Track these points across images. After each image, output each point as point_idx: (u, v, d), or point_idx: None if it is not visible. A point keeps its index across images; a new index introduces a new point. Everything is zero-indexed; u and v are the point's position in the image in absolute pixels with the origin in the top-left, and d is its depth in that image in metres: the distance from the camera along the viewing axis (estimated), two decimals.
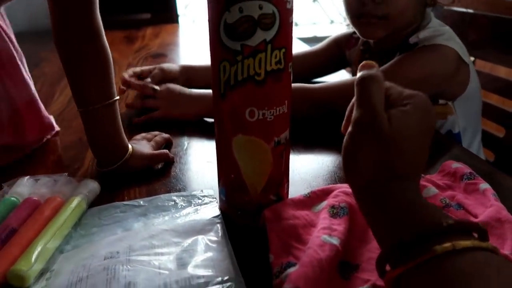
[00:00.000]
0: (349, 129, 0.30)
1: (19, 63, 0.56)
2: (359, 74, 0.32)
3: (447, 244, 0.23)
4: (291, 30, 0.36)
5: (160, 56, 1.15)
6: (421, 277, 0.24)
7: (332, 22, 2.09)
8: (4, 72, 0.54)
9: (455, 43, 0.66)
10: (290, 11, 0.35)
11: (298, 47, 1.18)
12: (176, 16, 1.74)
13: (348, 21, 0.83)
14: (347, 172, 0.31)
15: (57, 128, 0.64)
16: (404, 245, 0.25)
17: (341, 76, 0.94)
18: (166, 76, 0.77)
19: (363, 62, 0.33)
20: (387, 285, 0.26)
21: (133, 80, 0.75)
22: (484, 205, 0.41)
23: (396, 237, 0.26)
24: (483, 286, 0.22)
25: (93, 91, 0.47)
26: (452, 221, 0.25)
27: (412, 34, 0.69)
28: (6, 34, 0.55)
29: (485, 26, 0.84)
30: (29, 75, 0.59)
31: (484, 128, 0.86)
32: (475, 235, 0.26)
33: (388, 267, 0.27)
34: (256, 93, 0.36)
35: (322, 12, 2.09)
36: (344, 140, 0.31)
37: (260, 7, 0.33)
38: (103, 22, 0.47)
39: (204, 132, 0.66)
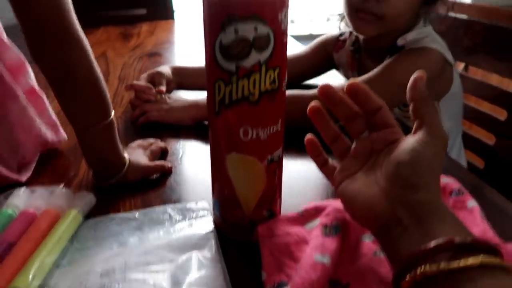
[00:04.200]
0: (424, 137, 0.32)
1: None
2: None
3: (476, 260, 0.25)
4: (286, 49, 0.36)
5: (155, 55, 1.15)
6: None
7: (328, 19, 2.09)
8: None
9: (439, 44, 0.69)
10: (284, 32, 0.35)
11: (292, 45, 1.18)
12: (172, 11, 1.73)
13: (339, 17, 0.84)
14: (415, 173, 0.32)
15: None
16: (431, 252, 0.26)
17: (333, 77, 0.94)
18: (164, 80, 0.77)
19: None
20: None
21: (136, 82, 0.75)
22: (472, 224, 0.42)
23: (423, 244, 0.27)
24: None
25: (87, 113, 0.46)
26: (473, 237, 0.27)
27: (400, 36, 0.71)
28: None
29: (479, 33, 0.84)
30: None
31: (475, 135, 0.87)
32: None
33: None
34: (250, 112, 0.36)
35: (319, 9, 2.09)
36: (416, 145, 0.32)
37: (255, 29, 0.33)
38: (99, 18, 0.45)
39: (198, 138, 0.67)
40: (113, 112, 0.48)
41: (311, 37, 2.17)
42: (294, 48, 1.11)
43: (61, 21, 0.41)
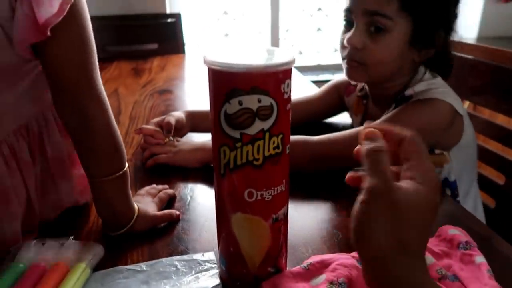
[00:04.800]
0: (362, 197, 0.31)
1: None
2: (368, 146, 0.33)
3: None
4: (289, 116, 0.38)
5: (166, 92, 1.18)
6: None
7: (335, 50, 2.12)
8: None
9: (450, 96, 0.68)
10: (287, 100, 0.37)
11: (300, 80, 1.20)
12: (183, 45, 1.78)
13: None
14: (359, 242, 0.31)
15: None
16: None
17: (344, 118, 0.95)
18: (176, 124, 0.78)
19: (367, 131, 0.34)
20: None
21: (145, 126, 0.77)
22: (480, 280, 0.42)
23: None
24: None
25: (101, 164, 0.48)
26: None
27: (407, 87, 0.72)
28: None
29: (485, 73, 0.85)
30: None
31: (484, 174, 0.86)
32: None
33: None
34: (255, 176, 0.37)
35: (326, 40, 2.13)
36: (356, 208, 0.31)
37: (259, 100, 0.35)
38: (112, 53, 0.48)
39: (206, 182, 0.67)
40: (127, 164, 0.50)
41: (319, 67, 2.21)
42: (304, 87, 1.13)
43: (83, 75, 0.44)
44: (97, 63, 0.46)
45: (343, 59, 0.71)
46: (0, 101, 0.46)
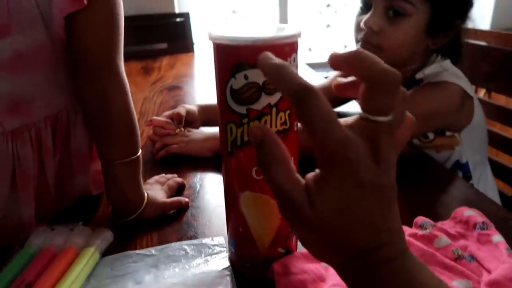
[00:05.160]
0: None
1: None
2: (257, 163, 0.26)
3: None
4: None
5: (175, 88, 1.19)
6: None
7: (345, 46, 2.11)
8: None
9: (459, 79, 0.68)
10: None
11: (313, 77, 1.19)
12: (192, 44, 1.79)
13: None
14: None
15: None
16: None
17: (353, 107, 0.94)
18: (188, 116, 0.78)
19: (251, 126, 0.26)
20: None
21: (156, 118, 0.77)
22: (498, 259, 0.40)
23: None
24: None
25: (117, 146, 0.49)
26: None
27: (418, 71, 0.71)
28: None
29: (498, 59, 0.83)
30: None
31: (501, 161, 0.84)
32: None
33: None
34: None
35: (336, 37, 2.11)
36: None
37: None
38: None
39: (216, 171, 0.67)
40: (140, 151, 0.50)
41: (328, 64, 2.19)
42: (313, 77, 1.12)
43: (107, 52, 0.46)
44: (122, 48, 0.47)
45: (357, 42, 0.71)
46: (33, 82, 0.47)
